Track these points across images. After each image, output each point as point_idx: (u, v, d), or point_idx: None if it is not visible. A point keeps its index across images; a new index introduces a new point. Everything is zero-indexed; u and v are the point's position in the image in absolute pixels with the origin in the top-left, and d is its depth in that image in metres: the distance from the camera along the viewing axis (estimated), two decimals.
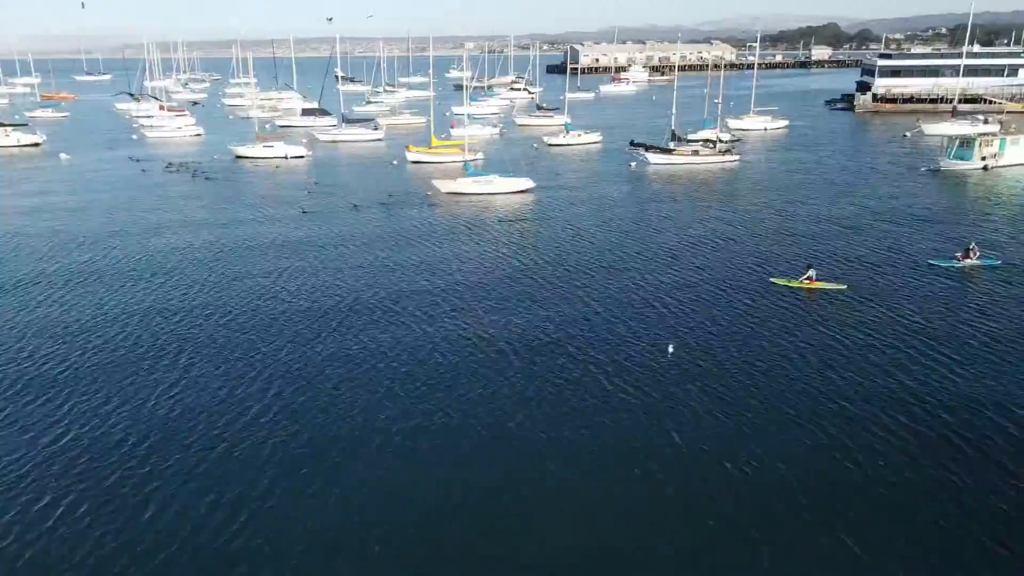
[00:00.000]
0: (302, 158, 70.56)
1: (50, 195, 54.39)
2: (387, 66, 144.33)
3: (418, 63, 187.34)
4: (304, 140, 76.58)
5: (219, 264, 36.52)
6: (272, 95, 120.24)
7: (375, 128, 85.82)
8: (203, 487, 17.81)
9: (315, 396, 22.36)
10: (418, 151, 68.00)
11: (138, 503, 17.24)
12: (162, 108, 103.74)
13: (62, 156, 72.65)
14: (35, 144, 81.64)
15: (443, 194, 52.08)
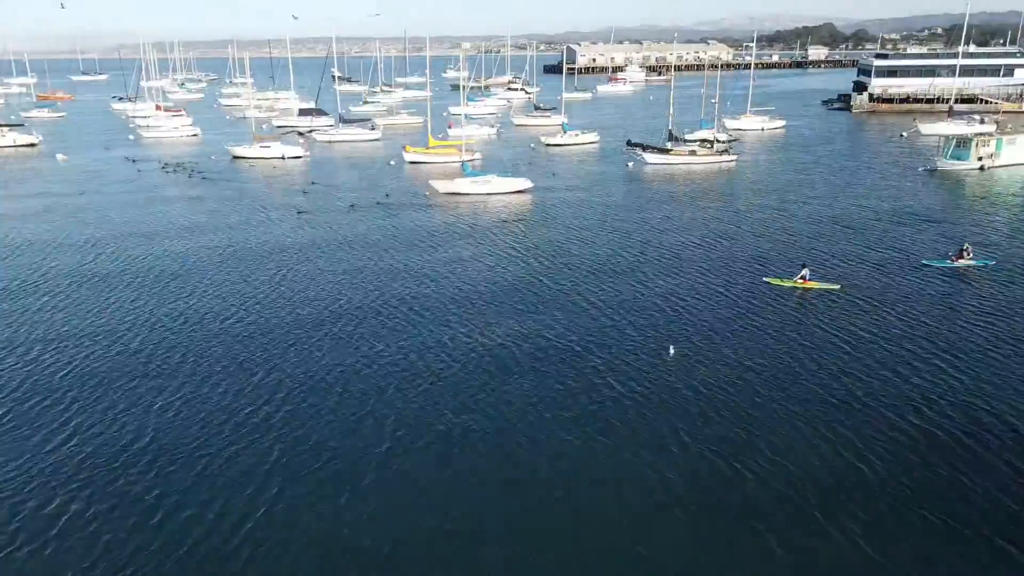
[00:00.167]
0: (299, 158, 70.57)
1: (47, 196, 54.26)
2: (384, 66, 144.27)
3: (415, 63, 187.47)
4: (301, 140, 76.58)
5: (218, 265, 36.50)
6: (269, 95, 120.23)
7: (372, 128, 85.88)
8: (212, 493, 17.68)
9: (321, 400, 22.32)
10: (415, 151, 68.05)
11: (146, 509, 17.17)
12: (159, 108, 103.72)
13: (59, 156, 72.57)
14: (31, 144, 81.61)
15: (441, 194, 52.13)
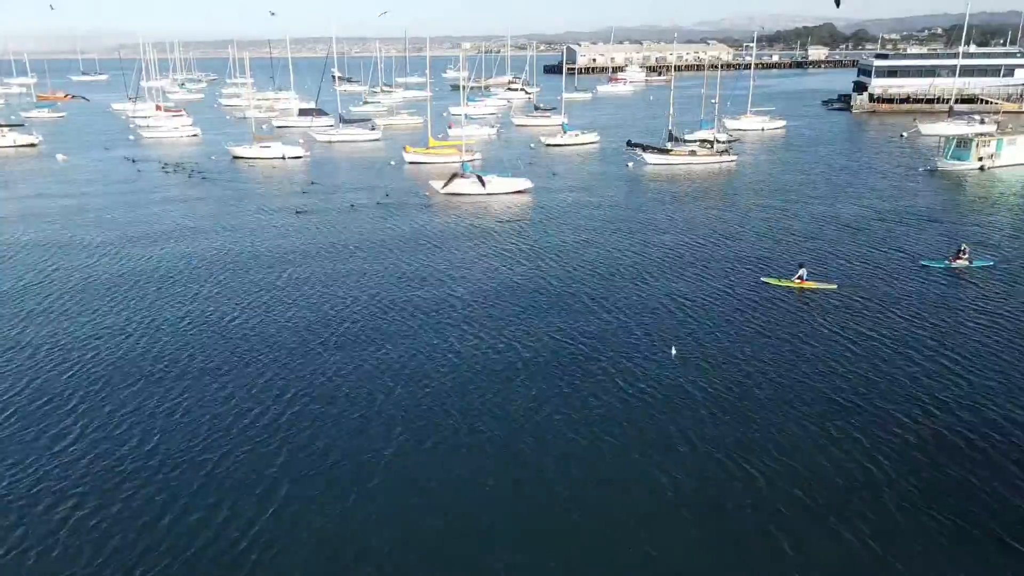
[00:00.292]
0: (299, 158, 70.58)
1: (48, 196, 54.28)
2: (384, 66, 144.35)
3: (415, 63, 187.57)
4: (301, 140, 76.59)
5: (220, 265, 36.48)
6: (269, 95, 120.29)
7: (372, 128, 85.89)
8: (220, 495, 17.62)
9: (327, 401, 22.27)
10: (415, 151, 68.05)
11: (154, 510, 17.12)
12: (159, 108, 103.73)
13: (59, 157, 72.58)
14: (31, 144, 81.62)
15: (441, 194, 52.14)
